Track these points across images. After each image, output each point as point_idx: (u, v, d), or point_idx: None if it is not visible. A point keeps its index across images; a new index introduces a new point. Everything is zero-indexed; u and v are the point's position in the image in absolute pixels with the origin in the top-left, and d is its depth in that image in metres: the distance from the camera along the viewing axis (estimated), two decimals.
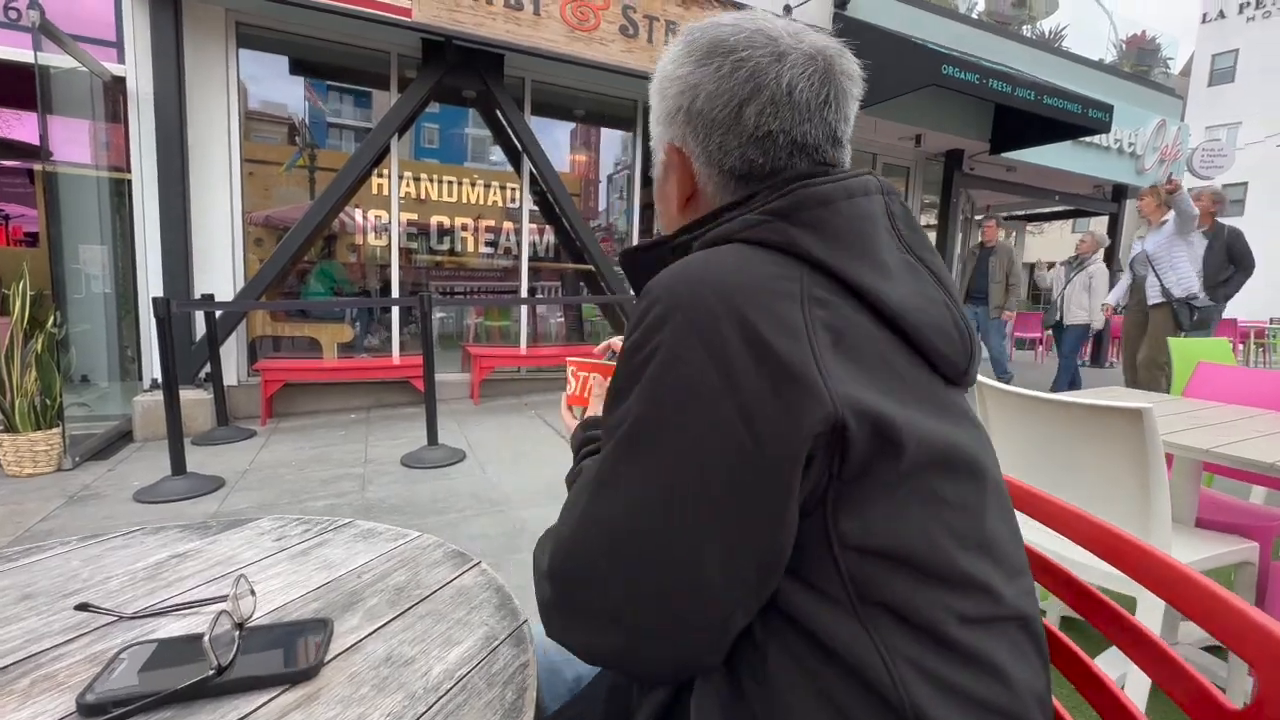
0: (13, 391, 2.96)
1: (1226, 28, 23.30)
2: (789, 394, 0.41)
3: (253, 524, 0.80)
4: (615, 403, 0.47)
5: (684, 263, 0.47)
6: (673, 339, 0.43)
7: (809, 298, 0.44)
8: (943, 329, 0.50)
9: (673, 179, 0.60)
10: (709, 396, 0.41)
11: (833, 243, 0.47)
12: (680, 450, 0.42)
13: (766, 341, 0.41)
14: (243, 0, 3.96)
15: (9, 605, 0.59)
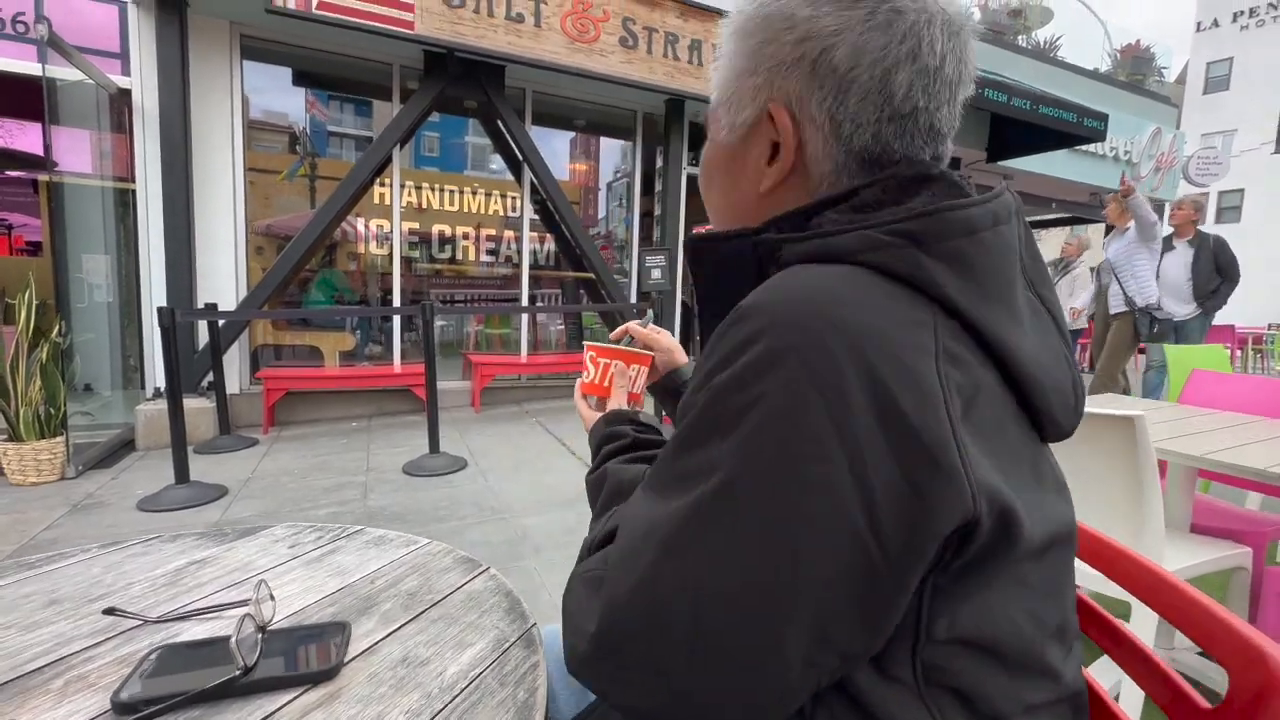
0: (17, 400, 2.98)
1: (1221, 36, 23.50)
2: (925, 482, 0.34)
3: (267, 531, 0.83)
4: (695, 443, 0.39)
5: (787, 283, 0.39)
6: (785, 390, 0.35)
7: (943, 352, 0.37)
8: (1063, 390, 0.44)
9: (758, 150, 0.49)
10: (825, 471, 0.34)
11: (974, 283, 0.39)
12: (780, 526, 0.35)
13: (902, 412, 0.34)
14: (247, 13, 4.01)
15: (37, 610, 0.62)
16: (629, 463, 0.61)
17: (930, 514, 0.34)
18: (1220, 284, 4.34)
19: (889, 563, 0.35)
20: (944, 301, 0.38)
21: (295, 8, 3.78)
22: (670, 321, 5.59)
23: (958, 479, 0.35)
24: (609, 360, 0.75)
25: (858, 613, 0.36)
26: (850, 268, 0.39)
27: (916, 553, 0.35)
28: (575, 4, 4.56)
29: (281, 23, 3.97)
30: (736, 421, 0.36)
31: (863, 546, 0.34)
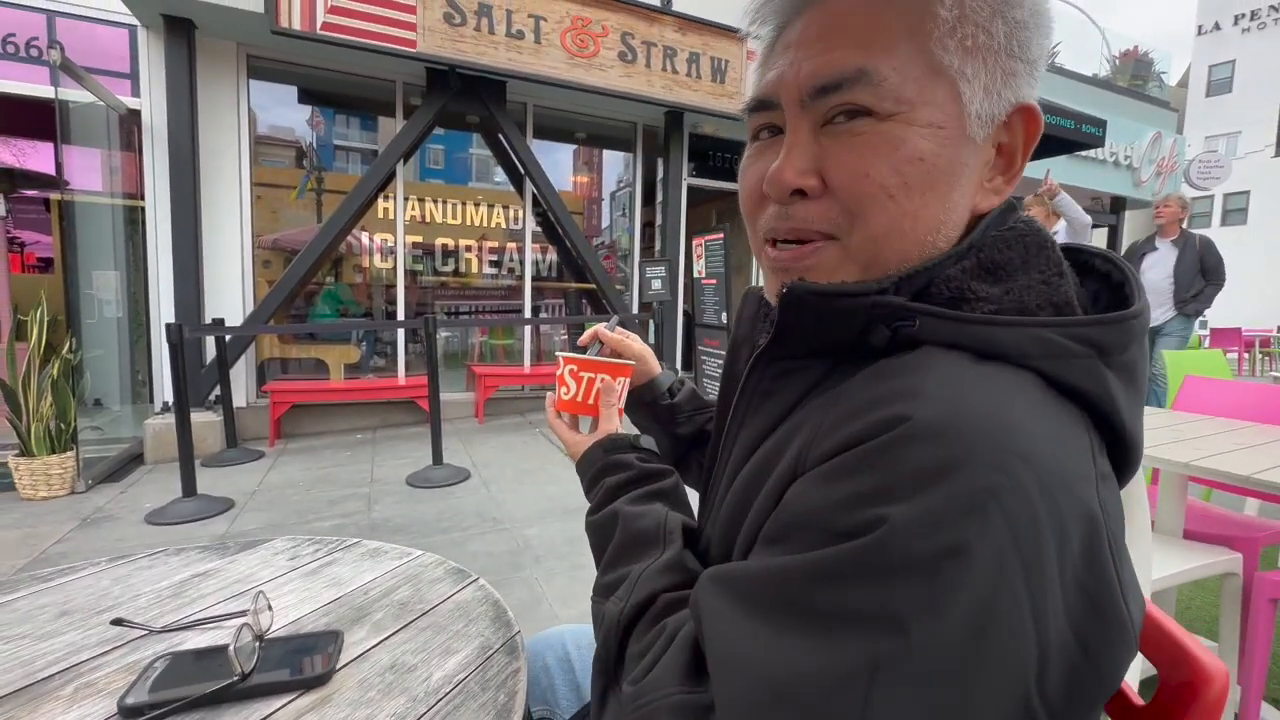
0: (29, 416, 3.04)
1: (1222, 39, 23.52)
2: (1094, 634, 0.32)
3: (267, 545, 0.86)
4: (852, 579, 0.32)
5: (971, 398, 0.33)
6: (986, 545, 0.30)
7: (1099, 476, 0.34)
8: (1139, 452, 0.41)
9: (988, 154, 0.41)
10: (1015, 638, 0.30)
11: (1134, 394, 0.36)
12: (955, 687, 0.30)
13: (1072, 557, 0.31)
14: (253, 35, 4.10)
15: (49, 621, 0.65)
16: (641, 500, 0.56)
17: (1097, 668, 0.32)
18: (1204, 286, 4.10)
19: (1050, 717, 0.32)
20: (1109, 418, 0.35)
21: (300, 29, 3.86)
22: (672, 333, 5.62)
23: (1123, 623, 0.32)
24: (593, 375, 0.66)
25: None
26: (1021, 374, 0.35)
27: (1081, 709, 0.33)
28: (574, 20, 4.64)
29: (287, 43, 4.06)
30: (930, 572, 0.30)
31: (1029, 708, 0.31)
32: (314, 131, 5.06)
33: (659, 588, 0.46)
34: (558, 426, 0.68)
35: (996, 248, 0.39)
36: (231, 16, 3.86)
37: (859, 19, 0.39)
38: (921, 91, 0.38)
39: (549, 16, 4.55)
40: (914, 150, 0.38)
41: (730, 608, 0.36)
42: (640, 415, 0.79)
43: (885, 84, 0.38)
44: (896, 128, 0.38)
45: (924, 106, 0.38)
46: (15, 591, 0.72)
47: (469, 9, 4.28)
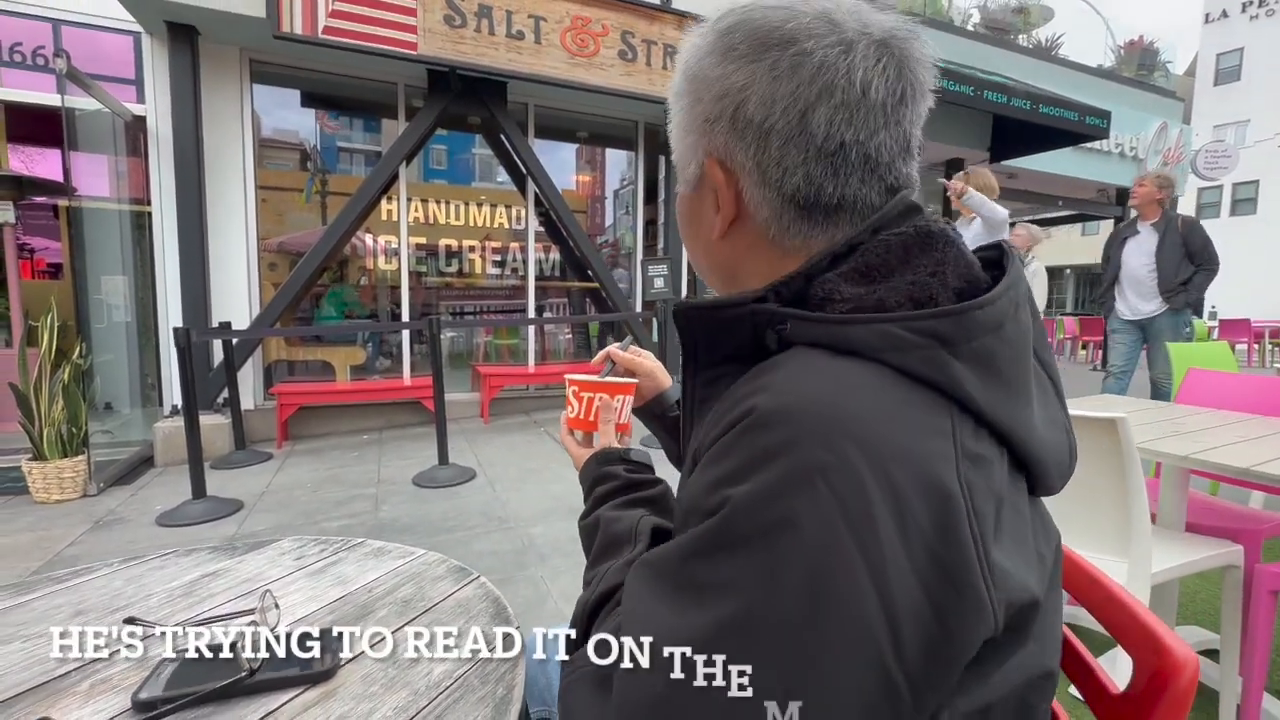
0: (41, 421, 3.08)
1: (1230, 27, 23.27)
2: (949, 604, 0.34)
3: (274, 545, 0.88)
4: (710, 553, 0.37)
5: (813, 386, 0.38)
6: (813, 516, 0.34)
7: (963, 456, 0.36)
8: (1063, 463, 0.44)
9: (709, 199, 0.50)
10: (851, 598, 0.33)
11: (996, 382, 0.39)
12: (804, 657, 0.34)
13: (921, 529, 0.34)
14: (256, 39, 4.13)
15: (64, 620, 0.67)
16: (624, 506, 0.62)
17: (952, 637, 0.35)
18: (1194, 273, 3.66)
19: (911, 684, 0.34)
20: (966, 403, 0.38)
21: (302, 33, 3.89)
22: (675, 331, 5.63)
23: (980, 600, 0.35)
24: (592, 394, 0.72)
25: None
26: (870, 365, 0.38)
27: (941, 676, 0.35)
28: (574, 20, 4.65)
29: (289, 47, 4.09)
30: (761, 544, 0.35)
31: (886, 670, 0.34)
32: (326, 133, 5.10)
33: (617, 582, 0.50)
34: (567, 442, 0.75)
35: (876, 251, 0.43)
36: (234, 22, 3.90)
37: None
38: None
39: (549, 16, 4.56)
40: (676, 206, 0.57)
41: (639, 585, 0.41)
42: (654, 426, 0.85)
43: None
44: None
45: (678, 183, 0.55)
46: (32, 592, 0.74)
47: (469, 10, 4.30)
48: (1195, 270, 3.66)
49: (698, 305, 0.47)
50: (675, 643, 0.36)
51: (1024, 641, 0.39)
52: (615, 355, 0.80)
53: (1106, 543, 1.42)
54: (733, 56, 0.46)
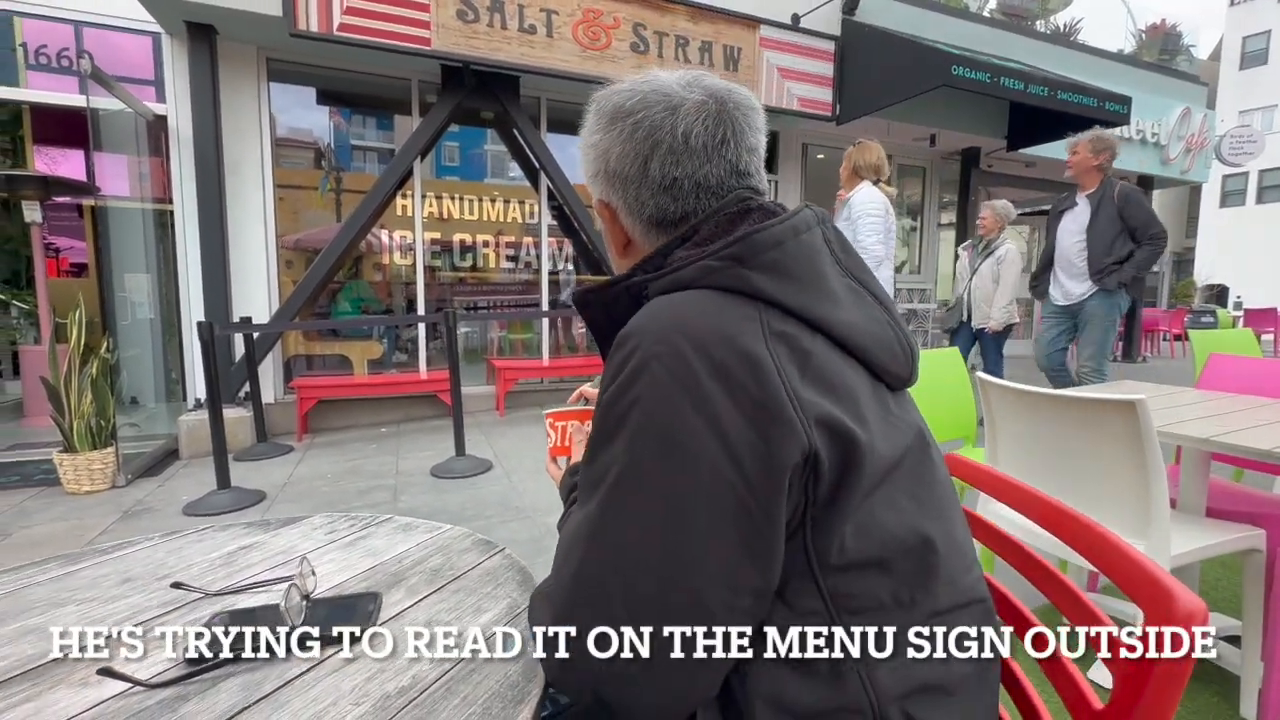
0: (71, 414, 3.17)
1: (1257, 8, 22.67)
2: (768, 430, 0.44)
3: (306, 521, 0.91)
4: (596, 452, 0.49)
5: (651, 311, 0.50)
6: (653, 388, 0.45)
7: (770, 333, 0.48)
8: (889, 346, 0.55)
9: (608, 229, 0.66)
10: (694, 441, 0.44)
11: (786, 281, 0.51)
12: (672, 494, 0.44)
13: (741, 383, 0.45)
14: (273, 38, 4.19)
15: (113, 587, 0.71)
16: None
17: (776, 453, 0.44)
18: (1132, 251, 3.13)
19: (756, 500, 0.44)
20: (766, 298, 0.50)
21: (318, 30, 3.93)
22: None
23: (791, 423, 0.45)
24: (565, 423, 0.82)
25: (748, 551, 0.45)
26: (696, 291, 0.51)
27: (775, 487, 0.45)
28: (586, 13, 4.66)
29: (305, 45, 4.14)
30: (623, 422, 0.47)
31: (737, 494, 0.44)
32: (340, 130, 5.15)
33: None
34: (550, 470, 0.84)
35: (708, 226, 0.58)
36: (251, 21, 3.95)
37: None
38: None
39: (560, 10, 4.57)
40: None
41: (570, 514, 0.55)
42: None
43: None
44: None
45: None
46: (79, 563, 0.78)
47: (481, 5, 4.32)
48: (1135, 246, 3.13)
49: (591, 288, 0.62)
50: (581, 530, 0.48)
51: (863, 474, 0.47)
52: (587, 393, 0.91)
53: (1125, 525, 1.41)
54: (600, 127, 0.62)
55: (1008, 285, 4.05)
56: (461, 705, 0.50)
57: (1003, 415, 1.66)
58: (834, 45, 5.62)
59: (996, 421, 1.68)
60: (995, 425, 1.69)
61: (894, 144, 7.03)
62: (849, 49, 5.64)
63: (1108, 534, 0.52)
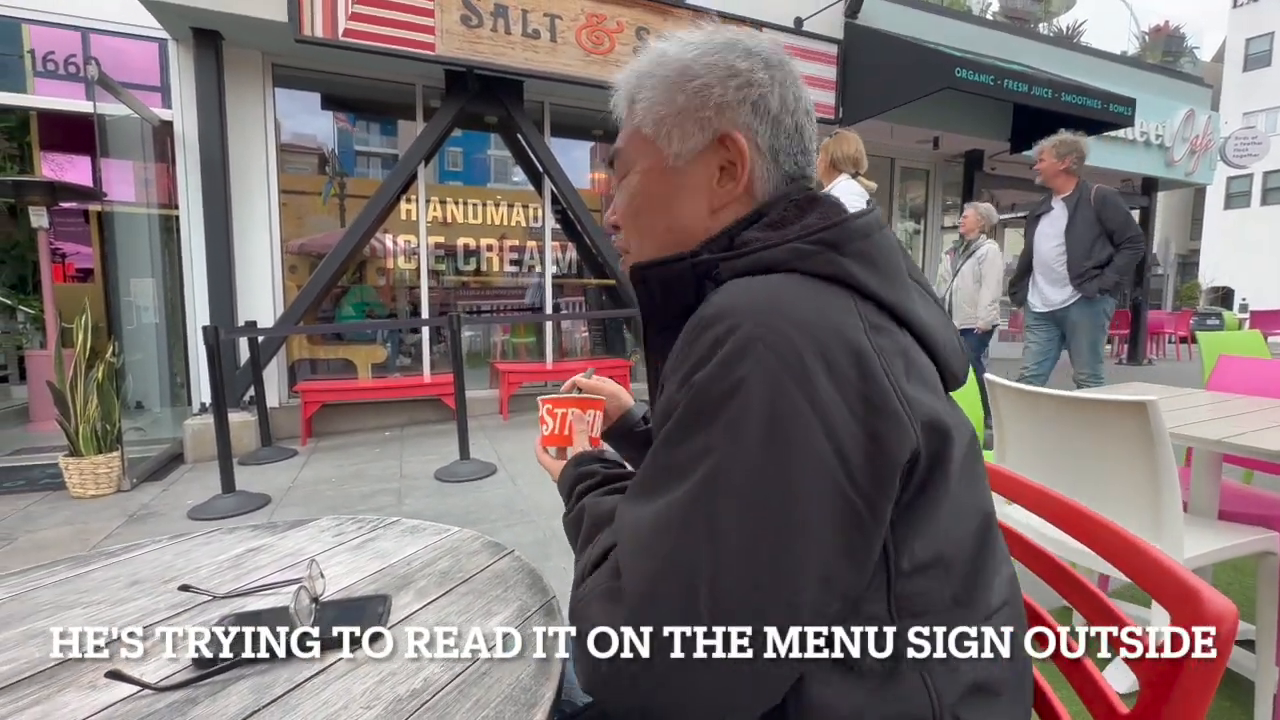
0: (77, 418, 3.17)
1: (1260, 10, 22.65)
2: (876, 427, 0.42)
3: (314, 523, 0.91)
4: (684, 436, 0.44)
5: (739, 291, 0.47)
6: (760, 372, 0.41)
7: (869, 326, 0.45)
8: (954, 348, 0.54)
9: (707, 172, 0.57)
10: (803, 432, 0.41)
11: (877, 272, 0.49)
12: (776, 487, 0.41)
13: (848, 376, 0.42)
14: (278, 44, 4.21)
15: (122, 589, 0.70)
16: (603, 494, 0.64)
17: (886, 452, 0.42)
18: (1111, 255, 3.08)
19: (865, 500, 0.42)
20: (859, 288, 0.47)
21: (323, 36, 3.95)
22: None
23: (901, 421, 0.43)
24: (565, 410, 0.76)
25: (849, 552, 0.42)
26: (786, 275, 0.48)
27: (885, 486, 0.42)
28: (590, 17, 4.67)
29: (310, 51, 4.16)
30: (722, 407, 0.42)
31: (843, 492, 0.41)
32: (345, 135, 5.17)
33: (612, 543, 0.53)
34: (543, 460, 0.78)
35: (777, 211, 0.55)
36: (257, 27, 3.97)
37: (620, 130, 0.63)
38: (638, 152, 0.60)
39: (564, 15, 4.58)
40: (632, 189, 0.61)
41: (627, 505, 0.49)
42: (622, 445, 0.89)
43: (621, 154, 0.63)
44: (629, 178, 0.62)
45: (640, 160, 0.60)
46: (88, 565, 0.77)
47: (485, 10, 4.34)
48: (1115, 250, 3.08)
49: (653, 262, 0.57)
50: (662, 522, 0.43)
51: (948, 473, 0.46)
52: (581, 384, 0.87)
53: (1138, 528, 1.39)
54: (752, 61, 0.57)
55: (992, 283, 4.01)
56: (474, 708, 0.49)
57: (1011, 417, 1.65)
58: (837, 48, 5.63)
59: (1005, 423, 1.67)
60: (1003, 427, 1.68)
61: (897, 146, 7.03)
62: (852, 52, 5.64)
63: (1130, 536, 0.52)
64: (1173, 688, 0.43)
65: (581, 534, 0.60)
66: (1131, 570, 0.50)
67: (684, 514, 0.42)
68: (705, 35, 0.59)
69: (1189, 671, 0.43)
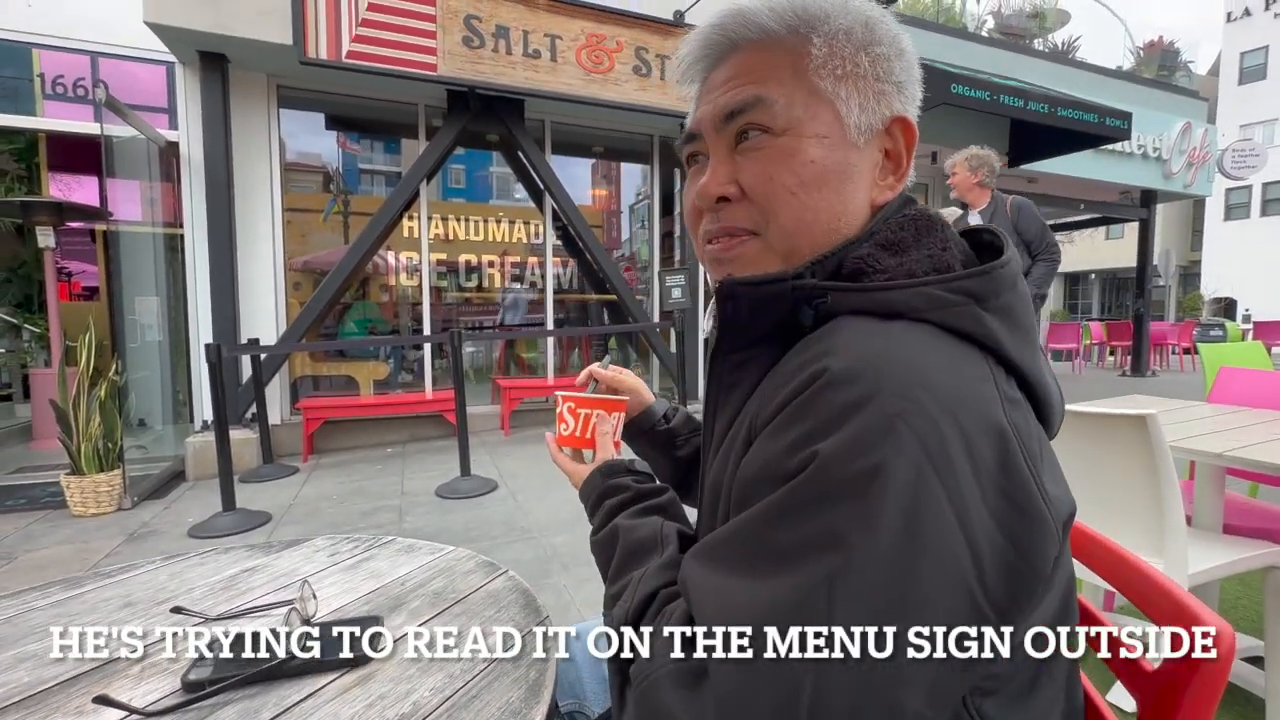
0: (79, 436, 3.18)
1: (1254, 25, 22.88)
2: (1022, 532, 0.37)
3: (309, 543, 0.91)
4: (802, 513, 0.38)
5: (877, 346, 0.40)
6: (902, 458, 0.36)
7: (1005, 400, 0.40)
8: (1061, 409, 0.49)
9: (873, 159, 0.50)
10: (940, 536, 0.36)
11: (1019, 333, 0.43)
12: (905, 595, 0.35)
13: (988, 467, 0.37)
14: (283, 66, 4.27)
15: (114, 611, 0.70)
16: (638, 514, 0.60)
17: (1030, 563, 0.38)
18: (1029, 267, 3.04)
19: (997, 612, 0.37)
20: (996, 350, 0.41)
21: (327, 58, 4.02)
22: (694, 339, 5.64)
23: (1046, 524, 0.38)
24: (590, 410, 0.70)
25: (965, 665, 0.36)
26: (917, 325, 0.41)
27: (1021, 600, 0.38)
28: (589, 38, 4.74)
29: (314, 72, 4.22)
30: (855, 493, 0.36)
31: (975, 602, 0.36)
32: (348, 154, 5.23)
33: (658, 584, 0.50)
34: (560, 460, 0.72)
35: (892, 230, 0.48)
36: (262, 49, 4.04)
37: (753, 63, 0.50)
38: (807, 110, 0.48)
39: (564, 35, 4.65)
40: (806, 156, 0.48)
41: (707, 572, 0.42)
42: (640, 443, 0.83)
43: (776, 106, 0.48)
44: (790, 140, 0.48)
45: (810, 122, 0.48)
46: (82, 586, 0.77)
47: (487, 31, 4.40)
48: (1033, 261, 3.07)
49: (746, 281, 0.49)
50: (765, 614, 0.37)
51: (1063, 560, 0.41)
52: (598, 374, 0.78)
53: (1141, 543, 1.39)
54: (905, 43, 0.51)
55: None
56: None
57: None
58: None
59: None
60: None
61: None
62: None
63: (1126, 554, 0.51)
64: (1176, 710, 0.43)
65: (615, 560, 0.56)
66: (1127, 588, 0.50)
67: (795, 612, 0.36)
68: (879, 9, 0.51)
69: (1188, 692, 0.43)
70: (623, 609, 0.50)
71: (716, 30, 0.51)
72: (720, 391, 0.53)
